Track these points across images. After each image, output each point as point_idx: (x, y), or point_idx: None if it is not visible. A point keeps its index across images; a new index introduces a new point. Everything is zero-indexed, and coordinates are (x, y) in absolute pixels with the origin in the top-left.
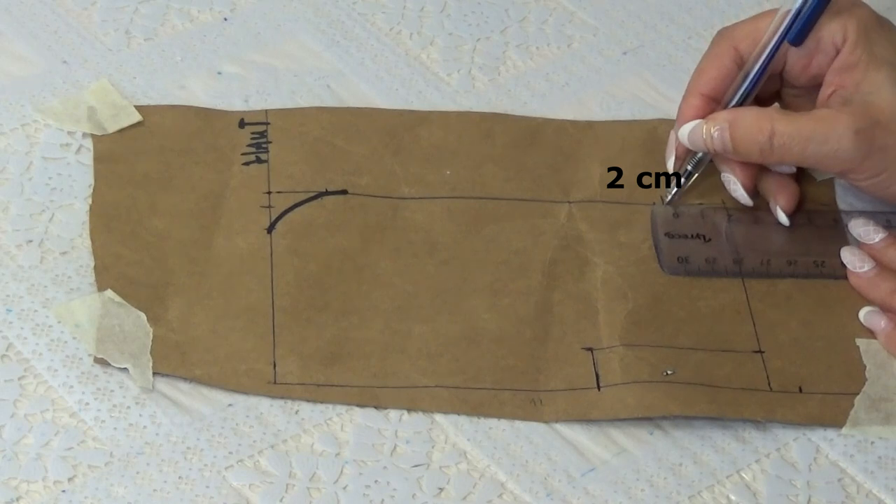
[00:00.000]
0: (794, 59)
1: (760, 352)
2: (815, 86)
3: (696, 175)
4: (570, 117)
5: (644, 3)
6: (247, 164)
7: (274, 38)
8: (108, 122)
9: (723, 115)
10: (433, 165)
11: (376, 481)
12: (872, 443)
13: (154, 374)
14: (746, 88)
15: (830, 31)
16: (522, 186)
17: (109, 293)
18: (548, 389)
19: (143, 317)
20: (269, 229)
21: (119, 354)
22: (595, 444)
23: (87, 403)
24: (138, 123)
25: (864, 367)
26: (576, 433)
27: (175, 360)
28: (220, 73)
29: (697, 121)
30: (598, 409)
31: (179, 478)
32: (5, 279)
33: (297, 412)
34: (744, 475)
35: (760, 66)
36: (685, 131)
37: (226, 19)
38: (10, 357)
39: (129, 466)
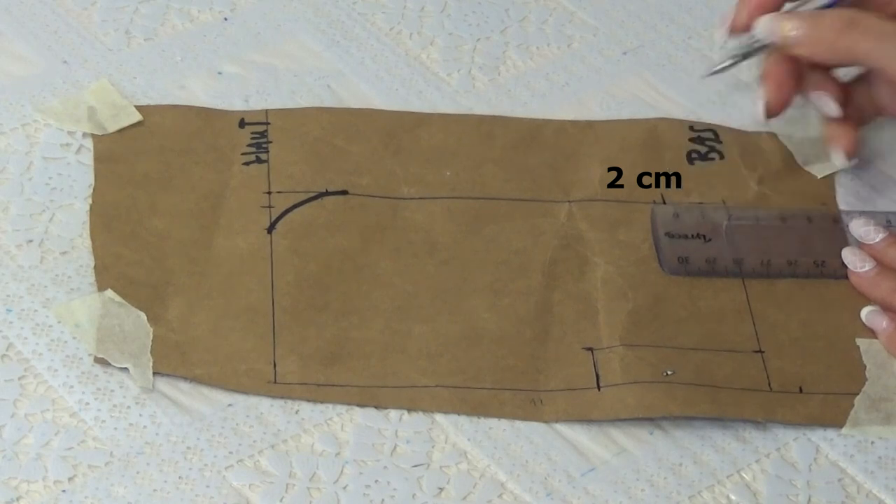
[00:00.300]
0: None
1: (760, 352)
2: None
3: (744, 62)
4: (570, 117)
5: (644, 3)
6: (247, 164)
7: (274, 38)
8: (108, 122)
9: (803, 14)
10: (433, 166)
11: (376, 481)
12: (872, 443)
13: (154, 373)
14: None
15: None
16: (522, 186)
17: (109, 293)
18: (548, 389)
19: (143, 317)
20: (270, 229)
21: (119, 354)
22: (595, 444)
23: (88, 403)
24: (138, 123)
25: (865, 367)
26: (576, 433)
27: (175, 359)
28: (220, 73)
29: (775, 15)
30: (598, 409)
31: (179, 478)
32: (5, 279)
33: (297, 412)
34: (744, 475)
35: None
36: (762, 22)
37: (226, 19)
38: (10, 357)
39: (129, 466)
